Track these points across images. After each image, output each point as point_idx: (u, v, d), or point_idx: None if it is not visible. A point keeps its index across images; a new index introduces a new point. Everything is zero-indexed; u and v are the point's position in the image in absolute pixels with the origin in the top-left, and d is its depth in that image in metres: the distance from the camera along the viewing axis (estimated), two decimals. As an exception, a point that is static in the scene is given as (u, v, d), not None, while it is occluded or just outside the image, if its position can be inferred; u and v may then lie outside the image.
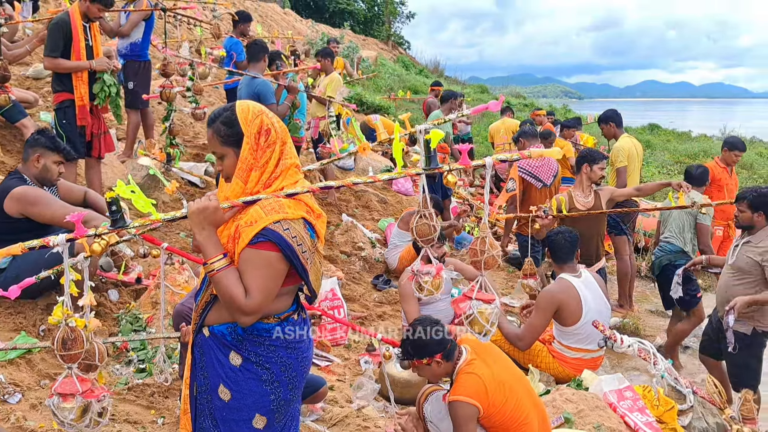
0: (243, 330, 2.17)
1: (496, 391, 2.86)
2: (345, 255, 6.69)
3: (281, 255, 2.08)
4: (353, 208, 8.08)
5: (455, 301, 2.58)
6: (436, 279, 2.65)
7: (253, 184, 2.17)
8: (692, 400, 4.14)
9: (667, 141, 20.24)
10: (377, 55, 23.56)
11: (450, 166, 2.34)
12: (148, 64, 6.68)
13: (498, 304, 2.44)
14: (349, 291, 5.92)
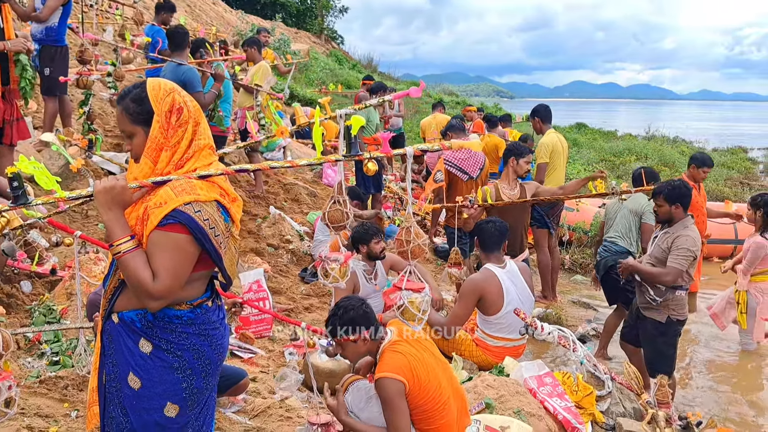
0: (153, 316, 2.10)
1: (419, 369, 2.86)
2: (272, 248, 6.60)
3: (191, 238, 2.02)
4: (282, 201, 7.99)
5: (385, 293, 2.58)
6: (343, 266, 2.64)
7: (164, 165, 2.10)
8: (610, 386, 4.29)
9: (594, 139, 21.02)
10: (309, 49, 23.38)
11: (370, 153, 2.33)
12: (66, 49, 6.38)
13: (428, 292, 2.46)
14: (276, 284, 5.84)
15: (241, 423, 3.47)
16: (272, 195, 7.95)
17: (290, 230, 6.98)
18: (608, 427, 4.03)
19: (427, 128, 10.48)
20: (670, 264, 4.35)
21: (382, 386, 2.81)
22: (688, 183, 6.04)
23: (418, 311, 2.41)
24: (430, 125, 10.39)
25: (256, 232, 6.79)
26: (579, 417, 3.80)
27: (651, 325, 4.55)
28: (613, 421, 4.05)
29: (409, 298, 2.42)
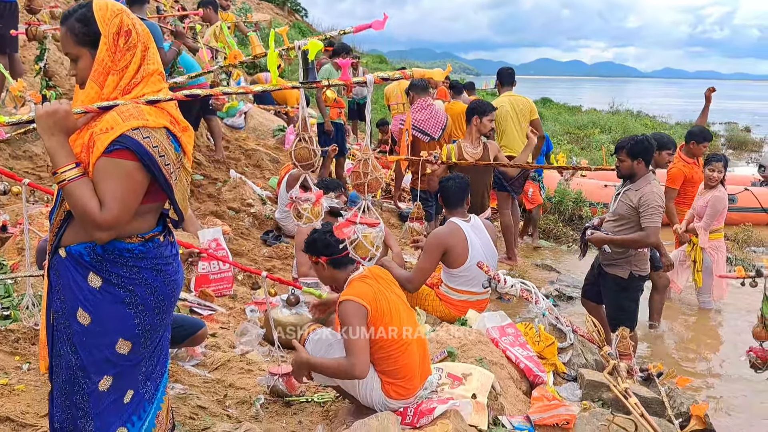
0: (103, 249, 2.01)
1: (382, 302, 2.86)
2: (233, 211, 6.49)
3: (140, 165, 1.94)
4: (243, 166, 7.85)
5: (338, 227, 2.51)
6: (315, 206, 2.58)
7: (110, 90, 2.01)
8: (572, 338, 4.33)
9: (559, 113, 21.20)
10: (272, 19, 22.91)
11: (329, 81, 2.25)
12: (15, 6, 6.08)
13: (383, 227, 2.40)
14: (237, 246, 5.74)
15: (201, 376, 3.40)
16: (233, 160, 7.80)
17: (252, 194, 6.87)
18: (570, 378, 4.07)
19: (391, 94, 10.35)
20: (645, 225, 4.35)
21: (344, 308, 2.80)
22: (686, 159, 6.09)
23: (371, 246, 2.35)
24: (394, 91, 10.25)
25: (216, 195, 6.66)
26: (541, 366, 3.83)
27: (613, 280, 4.58)
28: (574, 372, 4.09)
29: (363, 232, 2.36)
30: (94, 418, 2.08)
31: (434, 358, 3.49)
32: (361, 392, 2.95)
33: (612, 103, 27.47)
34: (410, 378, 2.95)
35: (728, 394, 4.66)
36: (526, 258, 7.58)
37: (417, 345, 3.02)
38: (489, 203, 5.68)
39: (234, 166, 7.60)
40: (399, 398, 2.94)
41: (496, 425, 3.11)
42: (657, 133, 6.94)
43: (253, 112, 9.40)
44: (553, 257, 7.82)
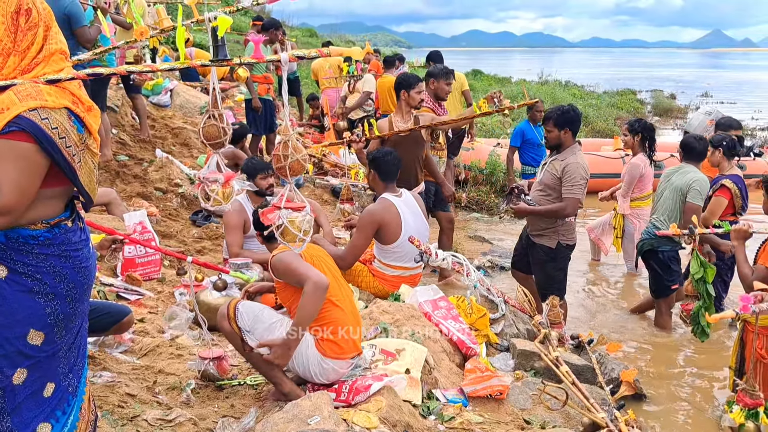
0: (6, 237, 1.91)
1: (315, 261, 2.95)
2: (160, 192, 6.28)
3: (38, 147, 1.84)
4: (170, 145, 7.59)
5: (263, 212, 2.44)
6: (225, 188, 2.50)
7: (10, 70, 1.92)
8: (504, 309, 4.40)
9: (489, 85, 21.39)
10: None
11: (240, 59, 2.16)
12: None
13: (309, 211, 2.34)
14: (165, 227, 5.57)
15: (129, 362, 3.30)
16: (159, 139, 7.52)
17: (179, 174, 6.66)
18: (502, 348, 4.16)
19: (319, 70, 10.27)
20: (565, 196, 4.43)
21: (277, 260, 2.93)
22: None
23: (299, 231, 2.30)
24: (323, 66, 10.16)
25: (142, 176, 6.42)
26: (473, 338, 3.89)
27: (541, 250, 4.67)
28: (507, 342, 4.17)
29: (288, 217, 2.29)
30: (11, 413, 1.99)
31: (368, 335, 3.50)
32: (297, 356, 2.94)
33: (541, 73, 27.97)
34: (343, 335, 2.96)
35: (657, 359, 4.82)
36: (459, 229, 7.67)
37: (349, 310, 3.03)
38: (422, 177, 5.67)
39: (160, 146, 7.34)
40: (334, 356, 2.95)
41: (430, 399, 3.15)
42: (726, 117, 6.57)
43: (179, 89, 9.09)
44: (485, 228, 7.95)
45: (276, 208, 2.36)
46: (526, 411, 3.31)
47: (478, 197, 8.81)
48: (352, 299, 3.09)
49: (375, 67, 9.41)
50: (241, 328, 2.96)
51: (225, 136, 2.26)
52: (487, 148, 9.63)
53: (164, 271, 4.77)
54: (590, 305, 5.83)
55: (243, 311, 2.99)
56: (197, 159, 7.41)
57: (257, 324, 2.96)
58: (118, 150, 6.71)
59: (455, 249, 6.34)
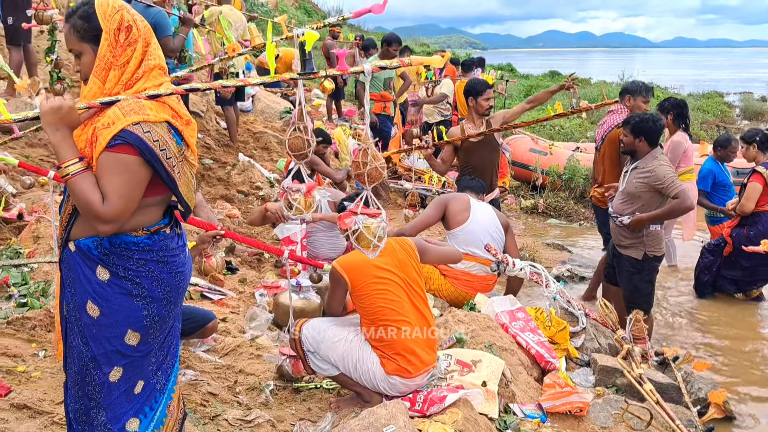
0: (110, 243, 2.03)
1: (372, 275, 2.96)
2: (242, 194, 6.50)
3: (141, 159, 1.95)
4: (252, 149, 7.83)
5: (340, 217, 2.49)
6: (307, 197, 2.56)
7: (112, 85, 2.02)
8: (584, 322, 4.29)
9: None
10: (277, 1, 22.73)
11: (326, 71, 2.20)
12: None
13: (384, 217, 2.37)
14: (246, 229, 5.74)
15: (211, 361, 3.42)
16: (242, 143, 7.78)
17: (260, 177, 6.86)
18: (583, 363, 4.05)
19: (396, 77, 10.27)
20: (674, 193, 4.28)
21: (330, 273, 3.10)
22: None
23: (373, 237, 2.33)
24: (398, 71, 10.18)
25: (225, 179, 6.66)
26: (552, 352, 3.81)
27: (627, 262, 4.54)
28: (587, 357, 4.07)
29: (364, 223, 2.34)
30: (105, 408, 2.11)
31: (442, 344, 3.48)
32: (363, 373, 2.97)
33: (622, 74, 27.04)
34: (409, 354, 2.95)
35: (749, 378, 4.55)
36: (536, 236, 7.54)
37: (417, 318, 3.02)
38: (497, 183, 5.63)
39: (243, 149, 7.59)
40: (400, 375, 2.95)
41: (507, 413, 3.10)
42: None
43: (260, 95, 9.37)
44: (564, 236, 7.77)
45: (352, 214, 2.40)
46: (607, 430, 3.21)
47: (556, 203, 8.62)
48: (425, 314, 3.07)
49: (451, 72, 9.40)
50: (305, 350, 3.04)
51: (309, 147, 2.31)
52: (566, 152, 9.40)
53: (244, 271, 4.93)
54: (674, 320, 5.59)
55: (307, 333, 3.05)
56: (277, 163, 7.61)
57: (321, 345, 3.02)
58: (204, 154, 6.98)
59: (533, 257, 6.24)
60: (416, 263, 3.11)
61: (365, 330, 2.99)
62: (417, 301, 3.03)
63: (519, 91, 18.03)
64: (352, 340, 2.98)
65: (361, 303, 2.97)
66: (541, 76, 24.22)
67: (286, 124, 9.14)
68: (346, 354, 2.96)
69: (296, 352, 3.08)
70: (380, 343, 2.94)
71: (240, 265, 5.02)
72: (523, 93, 17.89)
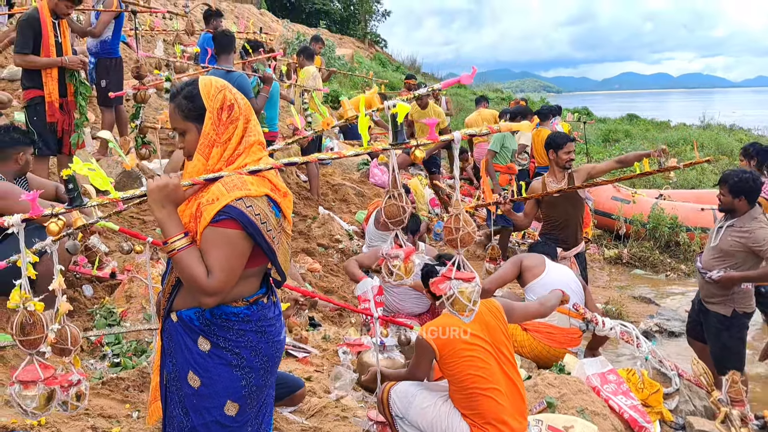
0: (211, 314, 2.10)
1: (460, 341, 2.92)
2: (323, 247, 6.61)
3: (244, 233, 2.02)
4: (330, 201, 8.00)
5: (434, 282, 2.50)
6: (406, 263, 2.57)
7: (215, 161, 2.10)
8: (678, 383, 4.10)
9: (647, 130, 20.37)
10: (353, 53, 23.47)
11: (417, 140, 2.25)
12: (120, 61, 6.54)
13: (478, 281, 2.36)
14: (327, 283, 5.84)
15: (298, 423, 3.45)
16: (321, 196, 7.97)
17: (339, 230, 6.98)
18: (678, 427, 3.86)
19: (473, 124, 10.31)
20: None
21: (416, 341, 3.09)
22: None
23: (468, 301, 2.32)
24: (476, 122, 10.23)
25: (306, 232, 6.82)
26: (646, 416, 3.65)
27: (716, 318, 4.35)
28: (682, 420, 3.88)
29: (459, 287, 2.32)
30: None
31: (532, 408, 3.40)
32: None
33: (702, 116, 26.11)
34: (499, 423, 2.88)
35: None
36: (621, 288, 7.30)
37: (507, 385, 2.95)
38: (581, 236, 5.51)
39: (322, 201, 7.77)
40: None
41: (602, 482, 2.98)
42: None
43: (338, 148, 9.61)
44: (650, 287, 7.48)
45: (446, 278, 2.40)
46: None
47: (641, 253, 8.33)
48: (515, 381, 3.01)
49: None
50: (393, 415, 3.02)
51: (405, 214, 2.34)
52: (649, 200, 9.11)
53: (326, 326, 4.99)
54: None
55: (396, 397, 3.04)
56: (356, 215, 7.74)
57: (410, 409, 3.00)
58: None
59: (619, 311, 6.03)
60: (504, 326, 3.07)
61: (454, 397, 2.95)
62: (506, 366, 2.98)
63: (597, 136, 17.68)
64: (442, 406, 2.95)
65: (449, 370, 2.93)
66: (619, 120, 23.73)
67: (364, 175, 9.31)
68: (435, 421, 2.92)
69: (384, 416, 3.07)
70: (470, 411, 2.89)
71: (322, 320, 5.08)
72: (602, 138, 17.55)
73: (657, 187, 10.83)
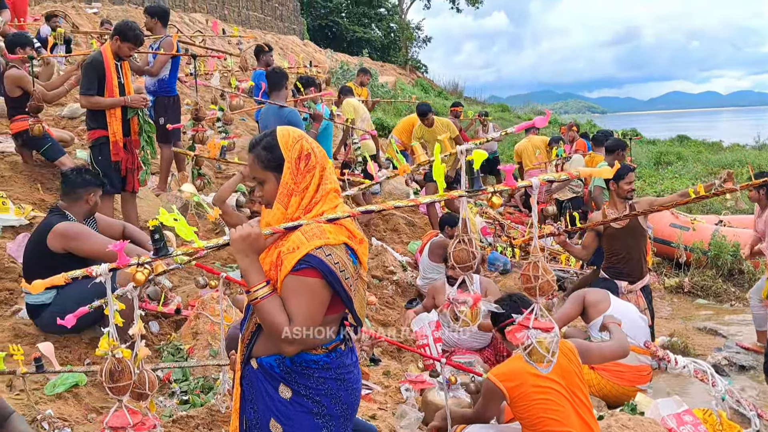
0: (291, 362, 2.12)
1: (531, 385, 2.86)
2: (377, 279, 6.60)
3: (324, 281, 2.04)
4: (382, 231, 8.00)
5: (511, 331, 2.46)
6: (473, 309, 2.54)
7: (294, 209, 2.14)
8: (757, 423, 3.93)
9: (699, 152, 19.82)
10: (396, 80, 23.68)
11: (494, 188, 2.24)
12: (177, 98, 6.73)
13: (557, 332, 2.31)
14: (383, 316, 5.81)
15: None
16: (372, 227, 7.98)
17: (393, 261, 6.96)
18: (759, 469, 3.68)
19: (523, 152, 10.24)
20: None
21: (485, 383, 3.06)
22: None
23: (547, 352, 2.26)
24: (527, 149, 10.15)
25: (360, 265, 6.82)
26: (725, 457, 3.49)
27: None
28: (763, 462, 3.69)
29: (537, 337, 2.28)
30: None
31: (608, 451, 3.29)
32: None
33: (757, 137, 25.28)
34: None
35: None
36: (685, 319, 7.06)
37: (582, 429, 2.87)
38: (647, 268, 5.38)
39: (374, 232, 7.77)
40: None
41: None
42: None
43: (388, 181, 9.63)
44: (715, 318, 7.21)
45: (524, 327, 2.36)
46: None
47: (703, 282, 8.06)
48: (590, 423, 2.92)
49: (581, 147, 9.25)
50: None
51: (474, 259, 2.33)
52: (709, 227, 8.83)
53: (386, 361, 4.95)
54: None
55: None
56: (408, 245, 7.72)
57: None
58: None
59: (685, 344, 5.83)
60: (578, 368, 3.00)
61: None
62: (581, 409, 2.90)
63: (648, 158, 17.29)
64: None
65: (520, 413, 2.88)
66: (669, 141, 23.20)
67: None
68: None
69: None
70: None
71: (381, 355, 5.05)
72: (653, 160, 17.15)
73: (715, 213, 10.52)
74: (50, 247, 3.89)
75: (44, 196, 5.94)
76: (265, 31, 22.75)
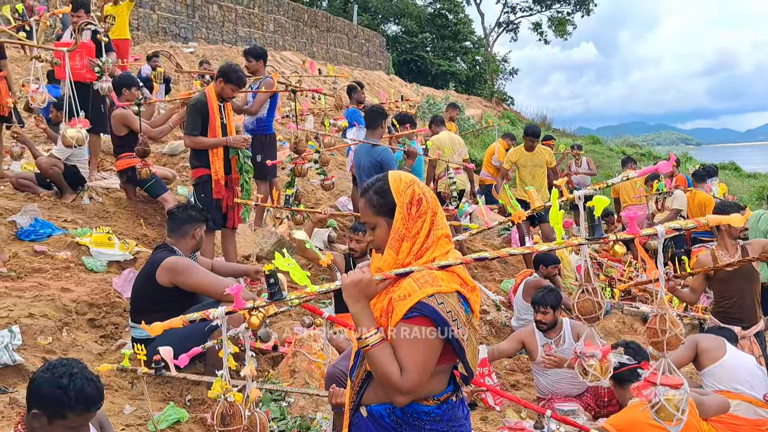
0: (402, 412, 2.07)
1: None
2: (471, 319, 6.47)
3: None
4: (473, 269, 7.87)
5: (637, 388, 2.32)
6: (603, 363, 2.41)
7: (405, 255, 2.11)
8: None
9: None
10: (482, 113, 23.63)
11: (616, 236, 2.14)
12: (273, 136, 6.95)
13: (687, 388, 2.16)
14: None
15: None
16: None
17: (486, 300, 6.82)
18: None
19: (621, 187, 9.84)
20: None
21: None
22: None
23: (676, 410, 2.12)
24: (625, 183, 9.75)
25: (453, 304, 6.72)
26: None
27: None
28: None
29: (665, 395, 2.14)
30: None
31: None
32: None
33: None
34: None
35: None
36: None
37: None
38: (760, 313, 5.01)
39: (464, 270, 7.66)
40: None
41: None
42: None
43: (477, 213, 9.52)
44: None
45: (650, 384, 2.22)
46: None
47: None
48: None
49: (681, 182, 8.84)
50: None
51: (600, 310, 2.22)
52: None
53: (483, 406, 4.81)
54: None
55: None
56: (500, 283, 7.56)
57: None
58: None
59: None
60: (697, 422, 2.81)
61: None
62: None
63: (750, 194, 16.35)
64: None
65: None
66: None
67: (505, 241, 9.15)
68: None
69: None
70: None
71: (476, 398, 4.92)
72: (755, 195, 16.20)
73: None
74: (159, 281, 4.03)
75: (147, 231, 6.22)
76: (352, 67, 23.37)
